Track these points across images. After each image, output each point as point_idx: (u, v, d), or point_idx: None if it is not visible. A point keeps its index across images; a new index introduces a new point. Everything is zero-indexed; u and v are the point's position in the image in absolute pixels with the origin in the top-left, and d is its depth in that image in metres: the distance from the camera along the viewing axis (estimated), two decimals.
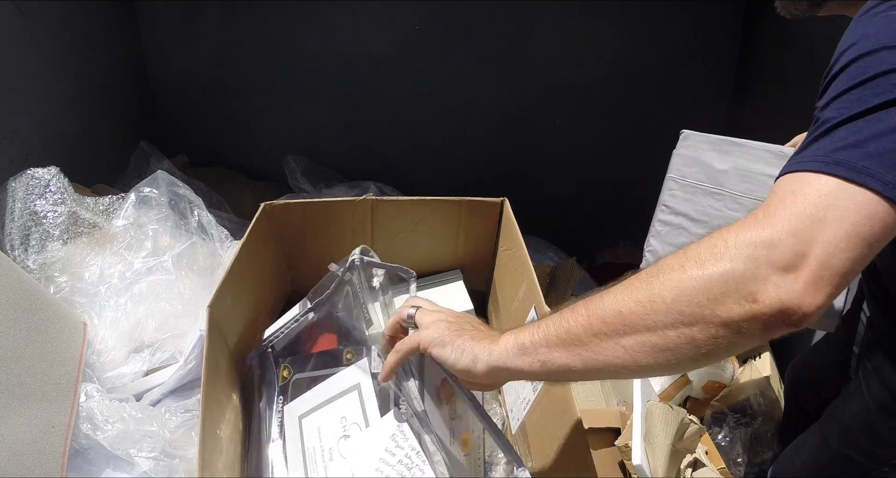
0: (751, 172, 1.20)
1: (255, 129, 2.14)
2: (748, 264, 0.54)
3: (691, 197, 1.27)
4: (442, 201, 1.19)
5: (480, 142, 2.16)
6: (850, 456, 1.05)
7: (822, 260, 0.53)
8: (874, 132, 0.57)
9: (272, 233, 1.15)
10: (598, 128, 2.10)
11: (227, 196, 1.98)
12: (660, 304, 0.57)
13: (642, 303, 0.59)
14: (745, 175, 1.21)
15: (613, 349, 0.60)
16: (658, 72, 1.98)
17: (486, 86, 2.05)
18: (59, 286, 1.07)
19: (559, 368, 0.64)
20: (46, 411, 0.87)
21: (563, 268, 1.84)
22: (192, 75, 2.06)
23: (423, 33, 1.96)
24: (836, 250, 0.54)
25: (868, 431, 1.01)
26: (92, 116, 1.76)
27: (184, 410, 0.95)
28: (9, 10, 1.42)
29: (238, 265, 1.00)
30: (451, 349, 0.71)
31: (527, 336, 0.67)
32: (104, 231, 1.15)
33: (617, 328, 0.60)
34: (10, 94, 1.43)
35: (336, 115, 2.11)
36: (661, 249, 1.30)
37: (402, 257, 1.23)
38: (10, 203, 1.13)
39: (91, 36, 1.75)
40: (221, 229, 1.21)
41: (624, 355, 0.60)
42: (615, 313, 0.60)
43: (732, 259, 0.55)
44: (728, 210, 1.23)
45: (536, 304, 1.01)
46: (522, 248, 1.11)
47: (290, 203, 1.14)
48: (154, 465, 0.88)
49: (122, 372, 1.02)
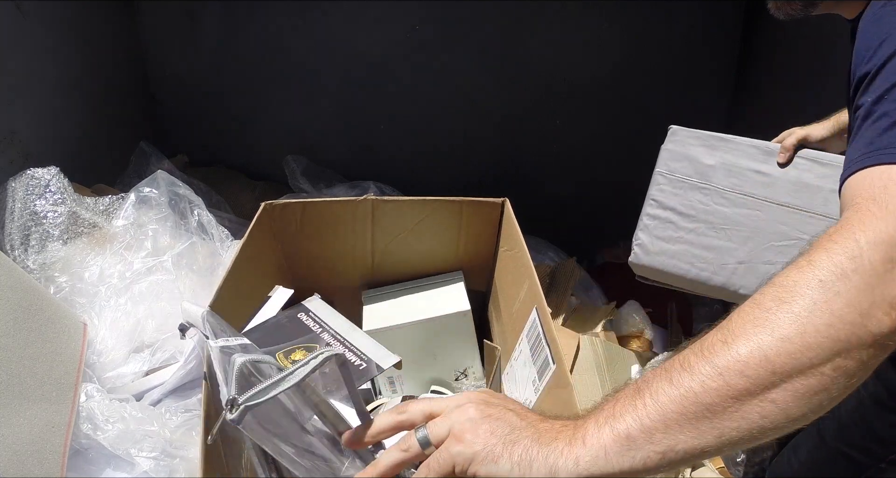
0: (738, 166, 1.23)
1: (255, 129, 2.14)
2: (886, 266, 0.46)
3: (679, 192, 1.29)
4: (442, 202, 1.19)
5: (480, 142, 2.15)
6: (848, 454, 1.05)
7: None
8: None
9: (272, 232, 1.15)
10: (598, 128, 2.10)
11: (227, 196, 1.98)
12: (812, 335, 0.46)
13: (791, 340, 0.46)
14: (732, 170, 1.23)
15: (761, 408, 0.46)
16: (658, 72, 1.98)
17: (486, 86, 2.05)
18: (59, 286, 1.07)
19: (686, 455, 0.47)
20: (47, 411, 0.87)
21: (563, 268, 1.84)
22: (192, 75, 2.06)
23: (422, 33, 1.96)
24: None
25: (864, 427, 1.01)
26: (92, 116, 1.76)
27: (184, 409, 0.95)
28: (9, 10, 1.42)
29: (238, 265, 1.00)
30: (511, 463, 0.48)
31: (630, 422, 0.47)
32: (104, 231, 1.15)
33: (764, 380, 0.46)
34: (10, 94, 1.43)
35: (336, 115, 2.11)
36: (650, 242, 1.31)
37: (402, 258, 1.23)
38: (10, 203, 1.13)
39: (91, 36, 1.75)
40: (222, 229, 1.21)
41: (774, 412, 0.46)
42: (761, 361, 0.46)
43: (871, 262, 0.46)
44: (715, 205, 1.25)
45: (538, 305, 1.01)
46: (524, 248, 1.10)
47: (290, 203, 1.14)
48: (154, 465, 0.88)
49: (122, 372, 1.02)
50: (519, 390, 1.05)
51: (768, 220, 1.19)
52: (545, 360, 0.97)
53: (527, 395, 1.02)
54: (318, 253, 1.21)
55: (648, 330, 1.70)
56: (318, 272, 1.24)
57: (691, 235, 1.26)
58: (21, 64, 1.46)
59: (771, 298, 0.48)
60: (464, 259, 1.26)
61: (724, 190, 1.24)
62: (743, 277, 1.22)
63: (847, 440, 1.05)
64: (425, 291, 1.24)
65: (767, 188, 1.20)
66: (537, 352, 1.00)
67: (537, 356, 1.00)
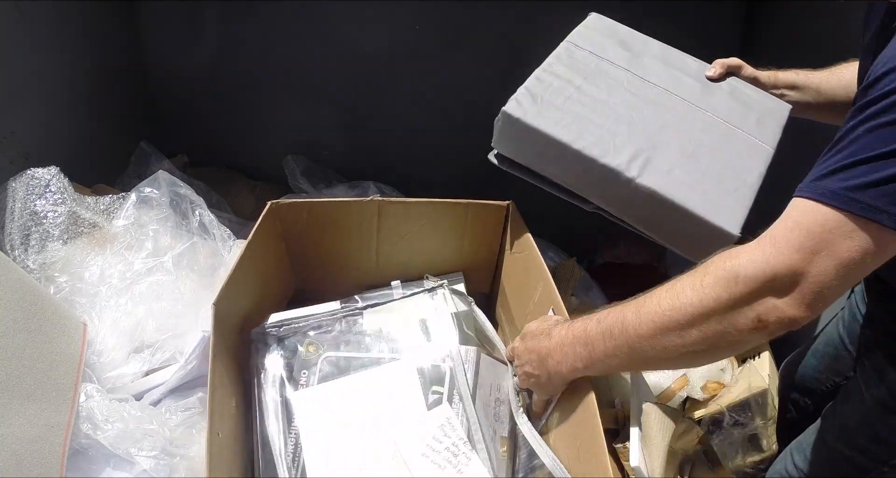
0: (659, 61, 1.15)
1: (255, 129, 2.14)
2: (756, 297, 0.69)
3: (585, 63, 1.15)
4: (448, 204, 1.20)
5: (480, 142, 2.15)
6: (850, 456, 1.05)
7: (815, 287, 0.66)
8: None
9: (277, 232, 1.15)
10: None
11: (227, 196, 1.98)
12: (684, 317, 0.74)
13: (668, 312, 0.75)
14: (649, 61, 1.15)
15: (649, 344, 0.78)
16: None
17: (486, 86, 2.04)
18: (60, 286, 1.07)
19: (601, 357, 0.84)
20: (46, 411, 0.87)
21: (563, 268, 1.84)
22: (192, 75, 2.06)
23: (422, 33, 1.96)
24: (828, 279, 0.66)
25: (868, 430, 1.01)
26: (92, 116, 1.76)
27: (184, 408, 0.95)
28: (9, 10, 1.42)
29: (243, 264, 1.00)
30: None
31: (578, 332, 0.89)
32: (104, 231, 1.15)
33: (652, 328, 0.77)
34: (10, 94, 1.43)
35: (336, 115, 2.11)
36: (531, 102, 1.10)
37: (407, 258, 1.23)
38: (11, 203, 1.13)
39: (91, 36, 1.75)
40: (224, 229, 1.21)
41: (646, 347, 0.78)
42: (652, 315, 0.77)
43: (743, 293, 0.70)
44: (622, 88, 1.09)
45: (555, 306, 1.02)
46: (535, 251, 1.11)
47: (296, 202, 1.14)
48: (155, 464, 0.88)
49: (122, 372, 1.02)
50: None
51: (675, 117, 1.04)
52: None
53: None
54: (323, 253, 1.21)
55: None
56: (321, 272, 1.24)
57: (586, 109, 1.04)
58: (21, 64, 1.46)
59: (668, 291, 0.77)
60: (466, 261, 1.27)
61: (636, 75, 1.10)
62: (642, 169, 0.97)
63: (849, 443, 1.05)
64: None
65: (684, 89, 1.09)
66: None
67: None
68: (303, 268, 1.22)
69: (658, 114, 1.03)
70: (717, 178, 0.97)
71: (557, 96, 1.07)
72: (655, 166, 0.97)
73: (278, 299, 1.20)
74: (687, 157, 0.98)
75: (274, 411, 0.95)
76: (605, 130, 1.00)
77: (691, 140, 1.01)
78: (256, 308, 1.10)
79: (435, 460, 0.88)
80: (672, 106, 1.06)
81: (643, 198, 0.96)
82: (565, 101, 1.06)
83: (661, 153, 0.98)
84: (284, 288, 1.22)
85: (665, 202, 0.95)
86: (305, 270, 1.23)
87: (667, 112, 1.04)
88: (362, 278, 1.25)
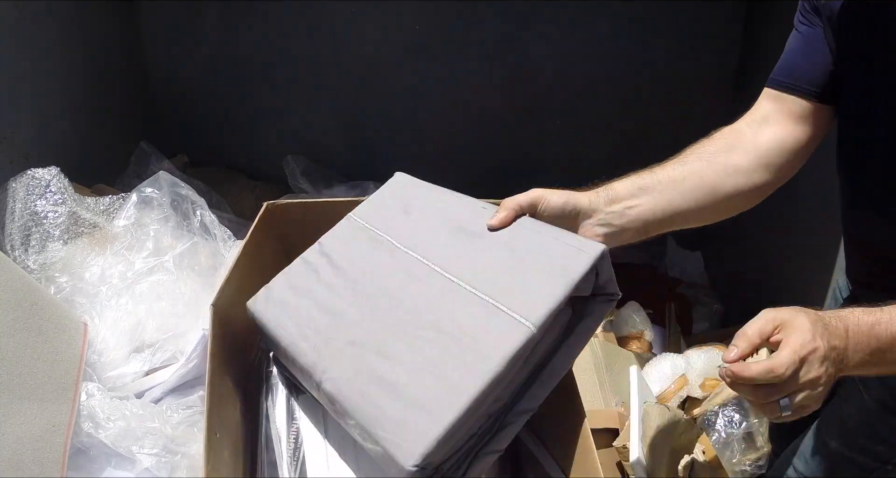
0: (434, 225, 0.92)
1: (255, 129, 2.15)
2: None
3: (351, 239, 0.98)
4: None
5: (480, 141, 2.16)
6: (851, 457, 1.04)
7: None
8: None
9: (274, 233, 1.15)
10: (599, 127, 2.10)
11: (227, 196, 1.98)
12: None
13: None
14: (421, 230, 0.92)
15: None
16: (658, 71, 1.98)
17: (486, 86, 2.05)
18: (60, 287, 1.08)
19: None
20: (47, 411, 0.87)
21: None
22: (193, 75, 2.06)
23: (422, 33, 1.96)
24: None
25: (869, 430, 1.01)
26: (92, 116, 1.76)
27: (185, 406, 0.96)
28: (9, 9, 1.42)
29: (240, 264, 1.00)
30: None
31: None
32: (104, 231, 1.15)
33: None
34: (10, 94, 1.43)
35: (336, 115, 2.11)
36: (279, 290, 0.96)
37: None
38: (11, 203, 1.13)
39: (91, 36, 1.75)
40: (224, 229, 1.21)
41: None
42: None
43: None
44: (376, 263, 0.90)
45: None
46: None
47: (292, 203, 1.14)
48: (156, 462, 0.88)
49: (123, 372, 1.03)
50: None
51: (428, 298, 0.81)
52: None
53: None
54: None
55: (648, 331, 1.70)
56: None
57: (324, 292, 0.90)
58: (21, 64, 1.46)
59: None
60: None
61: (398, 247, 0.90)
62: (332, 363, 0.80)
63: (850, 444, 1.04)
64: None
65: (452, 260, 0.84)
66: None
67: None
68: None
69: (395, 303, 0.83)
70: (431, 383, 0.73)
71: (298, 288, 0.94)
72: (347, 368, 0.79)
73: None
74: (410, 354, 0.77)
75: (277, 412, 0.95)
76: (320, 327, 0.85)
77: (420, 334, 0.78)
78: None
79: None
80: (419, 289, 0.83)
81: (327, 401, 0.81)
82: (300, 297, 0.92)
83: (372, 354, 0.79)
84: None
85: (345, 413, 0.77)
86: None
87: (410, 297, 0.83)
88: None
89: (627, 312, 1.72)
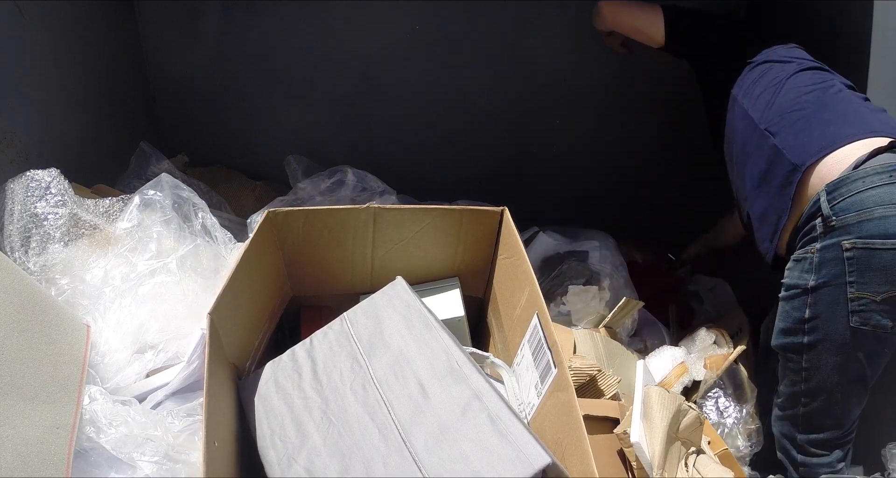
0: (408, 359, 0.95)
1: (255, 129, 2.14)
2: None
3: (335, 348, 1.02)
4: (443, 210, 1.20)
5: (480, 142, 2.16)
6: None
7: None
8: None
9: (275, 240, 1.16)
10: (598, 128, 2.10)
11: (227, 196, 1.97)
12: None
13: None
14: (399, 359, 0.96)
15: None
16: (658, 71, 1.98)
17: (486, 86, 2.05)
18: (61, 288, 1.08)
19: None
20: (51, 413, 0.87)
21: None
22: (193, 75, 2.06)
23: (422, 33, 1.96)
24: None
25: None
26: (92, 117, 1.76)
27: (187, 414, 0.96)
28: (9, 10, 1.41)
29: (240, 272, 1.00)
30: None
31: None
32: (105, 233, 1.15)
33: None
34: (10, 94, 1.43)
35: (336, 115, 2.11)
36: (267, 377, 1.01)
37: (401, 265, 1.24)
38: (10, 205, 1.13)
39: (91, 36, 1.74)
40: (225, 232, 1.21)
41: None
42: None
43: None
44: (351, 384, 0.94)
45: (539, 311, 1.02)
46: (524, 256, 1.11)
47: (293, 210, 1.15)
48: (156, 468, 0.88)
49: (125, 373, 1.03)
50: (522, 395, 1.06)
51: (383, 455, 0.85)
52: (547, 364, 0.98)
53: (530, 399, 1.03)
54: (319, 260, 1.21)
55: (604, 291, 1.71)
56: (318, 279, 1.24)
57: (300, 403, 0.95)
58: (21, 64, 1.46)
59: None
60: (461, 266, 1.27)
61: (372, 379, 0.95)
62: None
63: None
64: (421, 297, 1.25)
65: (407, 418, 0.88)
66: (539, 357, 1.01)
67: (539, 361, 1.01)
68: (299, 275, 1.23)
69: (353, 445, 0.89)
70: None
71: (281, 387, 1.00)
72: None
73: (274, 307, 1.21)
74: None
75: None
76: (287, 440, 0.92)
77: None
78: (254, 315, 1.11)
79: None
80: (375, 441, 0.89)
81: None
82: (280, 399, 0.99)
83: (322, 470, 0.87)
84: (280, 296, 1.23)
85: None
86: (301, 278, 1.23)
87: (367, 445, 0.88)
88: (358, 285, 1.25)
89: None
